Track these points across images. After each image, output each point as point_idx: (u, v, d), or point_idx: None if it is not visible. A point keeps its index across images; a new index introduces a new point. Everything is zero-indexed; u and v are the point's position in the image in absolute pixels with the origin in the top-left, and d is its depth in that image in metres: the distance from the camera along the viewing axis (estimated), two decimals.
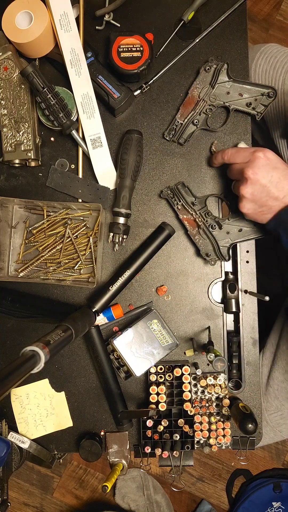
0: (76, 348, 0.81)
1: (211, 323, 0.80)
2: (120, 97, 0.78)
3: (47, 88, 0.72)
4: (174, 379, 0.76)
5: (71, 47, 0.76)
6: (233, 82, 0.77)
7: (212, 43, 0.81)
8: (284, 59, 0.90)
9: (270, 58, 0.91)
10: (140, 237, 0.81)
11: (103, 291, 0.76)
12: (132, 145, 0.76)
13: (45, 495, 1.50)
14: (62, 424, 0.80)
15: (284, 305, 0.91)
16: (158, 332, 0.76)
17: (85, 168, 0.82)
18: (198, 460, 1.50)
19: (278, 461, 1.49)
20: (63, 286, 0.81)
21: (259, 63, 0.92)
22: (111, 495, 1.46)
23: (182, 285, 0.80)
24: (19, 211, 0.82)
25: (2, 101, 0.78)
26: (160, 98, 0.81)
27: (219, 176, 0.81)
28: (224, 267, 0.80)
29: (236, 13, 0.81)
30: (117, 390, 0.77)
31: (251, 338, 0.79)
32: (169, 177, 0.81)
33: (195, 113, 0.78)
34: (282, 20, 1.65)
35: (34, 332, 0.81)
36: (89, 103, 0.78)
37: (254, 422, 0.69)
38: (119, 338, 0.75)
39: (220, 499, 1.49)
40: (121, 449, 0.78)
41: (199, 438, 0.76)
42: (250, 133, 0.81)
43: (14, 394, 0.80)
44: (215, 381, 0.77)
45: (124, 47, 0.76)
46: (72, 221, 0.80)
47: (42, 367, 0.49)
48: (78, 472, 1.51)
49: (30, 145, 0.78)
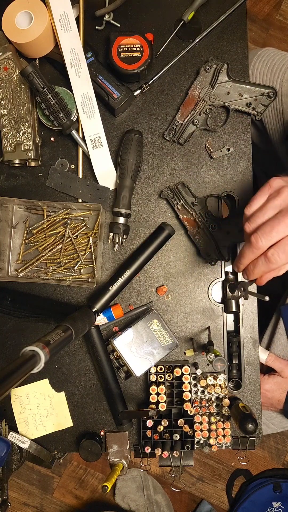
0: (76, 348, 0.81)
1: (211, 323, 0.80)
2: (120, 97, 0.78)
3: (47, 88, 0.72)
4: (174, 379, 0.76)
5: (71, 47, 0.76)
6: (233, 82, 0.77)
7: (212, 43, 0.81)
8: (281, 61, 0.90)
9: (268, 61, 0.91)
10: (140, 237, 0.81)
11: (103, 291, 0.76)
12: (132, 145, 0.76)
13: (45, 495, 1.50)
14: (62, 424, 0.80)
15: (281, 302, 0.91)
16: (158, 332, 0.76)
17: (85, 168, 0.82)
18: (198, 460, 1.50)
19: (278, 461, 1.49)
20: (63, 286, 0.81)
21: (256, 66, 0.93)
22: (111, 495, 1.46)
23: (182, 285, 0.80)
24: (19, 211, 0.82)
25: (2, 101, 0.78)
26: (160, 98, 0.81)
27: (219, 176, 0.81)
28: (224, 267, 0.80)
29: (236, 13, 0.81)
30: (117, 390, 0.77)
31: (251, 338, 0.79)
32: (169, 177, 0.81)
33: (195, 113, 0.78)
34: (282, 20, 1.65)
35: (34, 332, 0.81)
36: (89, 103, 0.78)
37: (254, 422, 0.69)
38: (119, 338, 0.75)
39: (220, 499, 1.49)
40: (121, 449, 0.78)
41: (199, 438, 0.76)
42: (250, 133, 0.81)
43: (14, 394, 0.80)
44: (215, 381, 0.77)
45: (124, 47, 0.76)
46: (72, 221, 0.80)
47: (42, 367, 0.49)
48: (78, 472, 1.51)
49: (30, 145, 0.78)
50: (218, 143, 0.81)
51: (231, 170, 0.81)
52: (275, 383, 0.87)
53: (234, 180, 0.80)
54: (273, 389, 0.87)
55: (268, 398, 0.87)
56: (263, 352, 0.84)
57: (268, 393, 0.87)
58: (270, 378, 0.87)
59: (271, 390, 0.87)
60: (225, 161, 0.81)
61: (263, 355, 0.83)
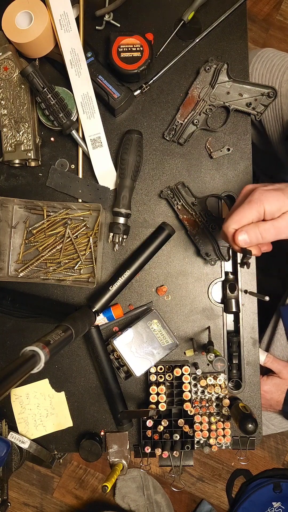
0: (76, 348, 0.81)
1: (211, 323, 0.80)
2: (120, 97, 0.78)
3: (47, 88, 0.72)
4: (174, 379, 0.76)
5: (71, 47, 0.76)
6: (233, 82, 0.77)
7: (212, 43, 0.81)
8: (280, 62, 0.91)
9: (267, 62, 0.92)
10: (140, 237, 0.81)
11: (103, 291, 0.76)
12: (132, 145, 0.76)
13: (45, 495, 1.50)
14: (62, 424, 0.80)
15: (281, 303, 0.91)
16: (158, 332, 0.76)
17: (85, 168, 0.82)
18: (198, 460, 1.50)
19: (278, 461, 1.49)
20: (63, 286, 0.81)
21: (255, 67, 0.93)
22: (111, 495, 1.46)
23: (182, 285, 0.80)
24: (19, 211, 0.82)
25: (2, 101, 0.78)
26: (160, 98, 0.81)
27: (219, 176, 0.81)
28: (224, 267, 0.80)
29: (236, 13, 0.81)
30: (117, 390, 0.77)
31: (251, 338, 0.79)
32: (169, 177, 0.81)
33: (195, 113, 0.78)
34: (282, 20, 1.65)
35: (34, 332, 0.81)
36: (89, 103, 0.78)
37: (254, 422, 0.69)
38: (119, 338, 0.75)
39: (220, 499, 1.49)
40: (121, 449, 0.78)
41: (199, 438, 0.76)
42: (250, 133, 0.81)
43: (14, 394, 0.80)
44: (215, 381, 0.77)
45: (124, 47, 0.76)
46: (72, 221, 0.80)
47: (42, 367, 0.49)
48: (78, 472, 1.50)
49: (30, 145, 0.78)
50: (218, 143, 0.81)
51: (231, 170, 0.81)
52: (274, 384, 0.87)
53: (234, 180, 0.81)
54: (271, 391, 0.87)
55: (267, 400, 0.88)
56: (262, 354, 0.84)
57: (267, 395, 0.87)
58: (269, 380, 0.87)
59: (270, 391, 0.87)
60: (225, 161, 0.81)
61: (261, 356, 0.83)
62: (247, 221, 0.56)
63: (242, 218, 0.56)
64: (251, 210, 0.56)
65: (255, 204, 0.56)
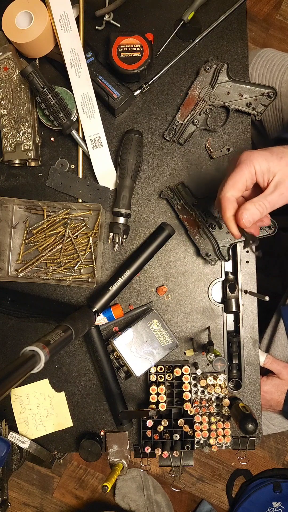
0: (76, 348, 0.81)
1: (211, 323, 0.80)
2: (120, 97, 0.78)
3: (47, 88, 0.72)
4: (174, 379, 0.76)
5: (71, 47, 0.76)
6: (233, 82, 0.77)
7: (212, 43, 0.81)
8: (280, 62, 0.91)
9: (267, 62, 0.92)
10: (140, 237, 0.81)
11: (103, 291, 0.76)
12: (132, 145, 0.76)
13: (45, 495, 1.50)
14: (62, 424, 0.80)
15: (281, 303, 0.91)
16: (158, 332, 0.76)
17: (85, 168, 0.82)
18: (198, 460, 1.50)
19: (278, 461, 1.49)
20: (63, 286, 0.81)
21: (255, 67, 0.93)
22: (111, 495, 1.46)
23: (182, 285, 0.80)
24: (19, 211, 0.82)
25: (2, 101, 0.78)
26: (160, 98, 0.81)
27: (219, 176, 0.81)
28: (224, 267, 0.80)
29: (236, 13, 0.81)
30: (117, 390, 0.77)
31: (251, 338, 0.79)
32: (169, 177, 0.81)
33: (195, 113, 0.78)
34: (282, 20, 1.65)
35: (34, 332, 0.81)
36: (89, 103, 0.78)
37: (254, 422, 0.69)
38: (119, 338, 0.75)
39: (220, 499, 1.49)
40: (121, 449, 0.78)
41: (199, 438, 0.76)
42: (250, 133, 0.81)
43: (14, 394, 0.80)
44: (215, 381, 0.77)
45: (124, 47, 0.76)
46: (72, 221, 0.80)
47: (42, 367, 0.49)
48: (78, 472, 1.51)
49: (30, 145, 0.78)
50: (218, 143, 0.81)
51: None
52: (274, 385, 0.87)
53: None
54: (271, 391, 0.87)
55: (267, 400, 0.88)
56: (261, 355, 0.84)
57: (266, 395, 0.87)
58: (269, 380, 0.87)
59: (270, 392, 0.87)
60: (225, 161, 0.81)
61: (261, 357, 0.83)
62: (241, 184, 0.57)
63: (236, 182, 0.57)
64: (242, 171, 0.57)
65: (245, 165, 0.56)
